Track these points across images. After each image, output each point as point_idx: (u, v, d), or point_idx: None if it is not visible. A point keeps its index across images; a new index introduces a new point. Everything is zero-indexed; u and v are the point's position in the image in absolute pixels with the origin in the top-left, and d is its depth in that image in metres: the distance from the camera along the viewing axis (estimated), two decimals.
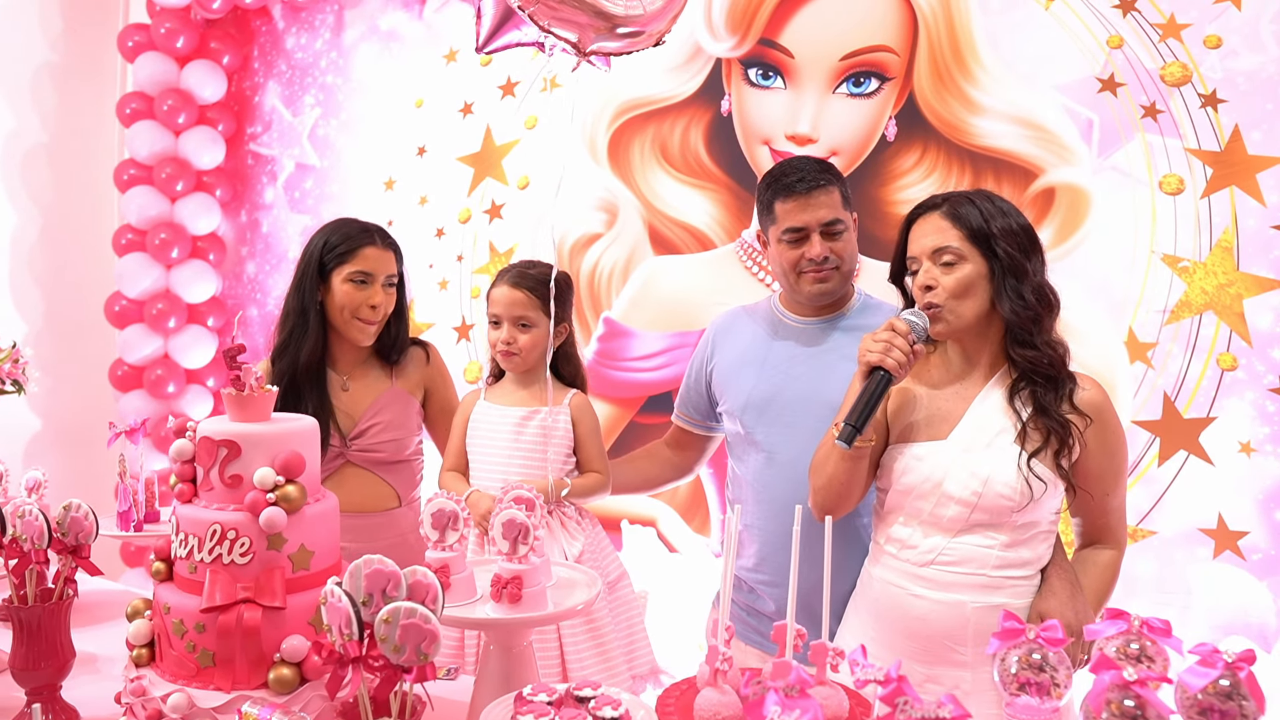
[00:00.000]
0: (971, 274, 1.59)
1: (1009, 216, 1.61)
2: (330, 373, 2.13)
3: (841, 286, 1.95)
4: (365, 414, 2.13)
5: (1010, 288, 1.57)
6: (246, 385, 1.39)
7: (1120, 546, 1.71)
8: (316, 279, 2.09)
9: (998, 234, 1.58)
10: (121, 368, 3.93)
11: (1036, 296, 1.58)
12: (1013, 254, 1.57)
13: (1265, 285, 2.39)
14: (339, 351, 2.15)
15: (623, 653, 2.03)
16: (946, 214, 1.62)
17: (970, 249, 1.59)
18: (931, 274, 1.60)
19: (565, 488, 1.96)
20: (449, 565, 1.34)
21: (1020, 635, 1.04)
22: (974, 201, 1.62)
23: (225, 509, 1.36)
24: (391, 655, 1.02)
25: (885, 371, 1.56)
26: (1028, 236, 1.62)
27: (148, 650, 1.41)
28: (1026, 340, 1.58)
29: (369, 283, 2.08)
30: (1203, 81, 2.46)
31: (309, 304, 2.08)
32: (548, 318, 2.00)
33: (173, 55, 3.89)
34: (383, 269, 2.10)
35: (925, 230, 1.64)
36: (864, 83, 2.87)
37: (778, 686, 0.81)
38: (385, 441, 2.14)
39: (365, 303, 2.08)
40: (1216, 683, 0.95)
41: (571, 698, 1.06)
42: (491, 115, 3.48)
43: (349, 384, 2.14)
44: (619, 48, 1.91)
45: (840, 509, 1.73)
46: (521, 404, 2.02)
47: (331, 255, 2.09)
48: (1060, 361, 1.60)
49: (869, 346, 1.58)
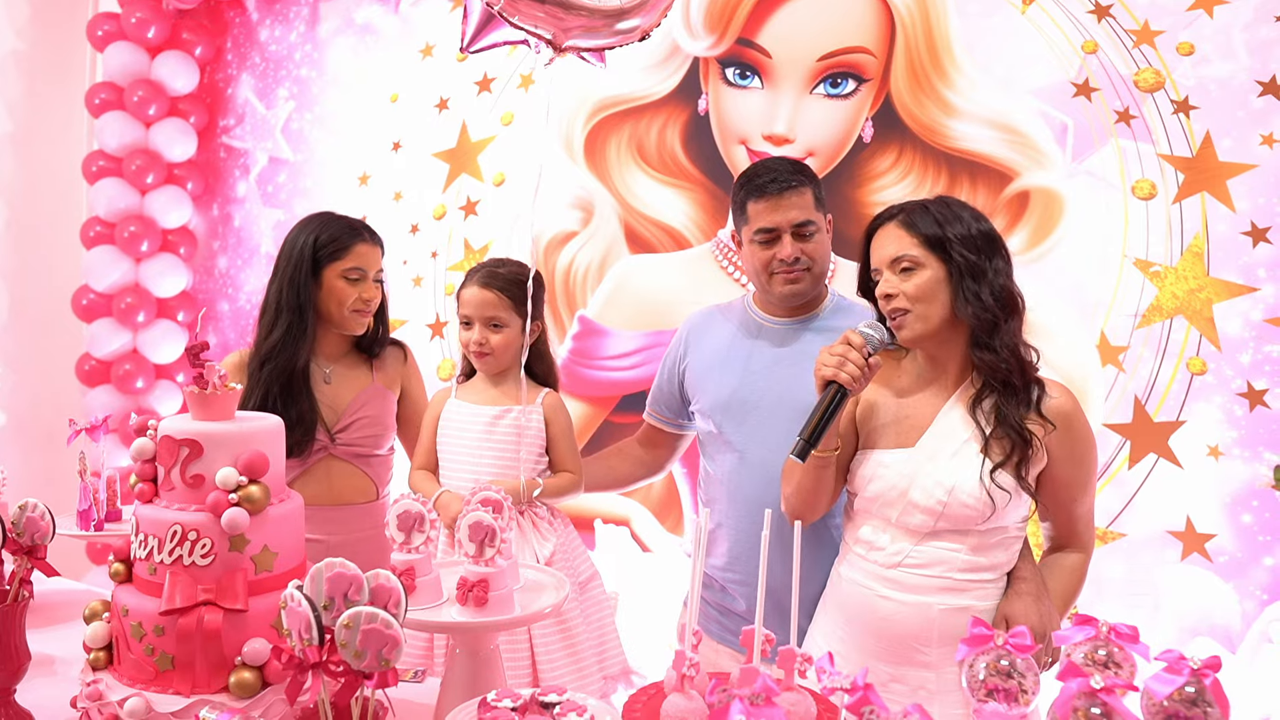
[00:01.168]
0: (930, 279, 1.59)
1: (965, 222, 1.61)
2: (312, 365, 2.14)
3: (813, 288, 1.94)
4: (349, 408, 2.14)
5: (968, 290, 1.57)
6: (210, 383, 1.37)
7: (1087, 551, 1.72)
8: (309, 275, 2.09)
9: (953, 239, 1.58)
10: (89, 362, 3.87)
11: (996, 299, 1.58)
12: (968, 257, 1.58)
13: (1235, 290, 2.41)
14: (322, 344, 2.17)
15: (594, 653, 2.02)
16: (902, 223, 1.63)
17: (927, 255, 1.60)
18: (891, 282, 1.62)
19: (537, 488, 1.94)
20: (415, 567, 1.32)
21: (989, 641, 1.04)
22: (929, 209, 1.63)
23: (186, 509, 1.33)
24: (352, 661, 1.00)
25: (840, 385, 1.56)
26: (986, 240, 1.62)
27: (106, 653, 1.38)
28: (985, 344, 1.58)
29: (362, 279, 2.12)
30: (1175, 88, 2.47)
31: (305, 302, 2.09)
32: (520, 317, 1.99)
33: (144, 45, 3.83)
34: (374, 264, 2.15)
35: (883, 240, 1.65)
36: (841, 84, 2.87)
37: (743, 694, 0.80)
38: (368, 436, 2.17)
39: (359, 297, 2.11)
40: (1182, 690, 0.95)
41: (536, 703, 1.05)
42: (467, 111, 3.45)
43: (330, 376, 2.16)
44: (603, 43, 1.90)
45: (810, 514, 1.73)
46: (493, 402, 2.00)
47: (324, 252, 2.10)
48: (1022, 367, 1.59)
49: (824, 360, 1.59)
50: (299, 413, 2.04)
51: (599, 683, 1.98)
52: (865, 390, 1.66)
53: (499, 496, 1.39)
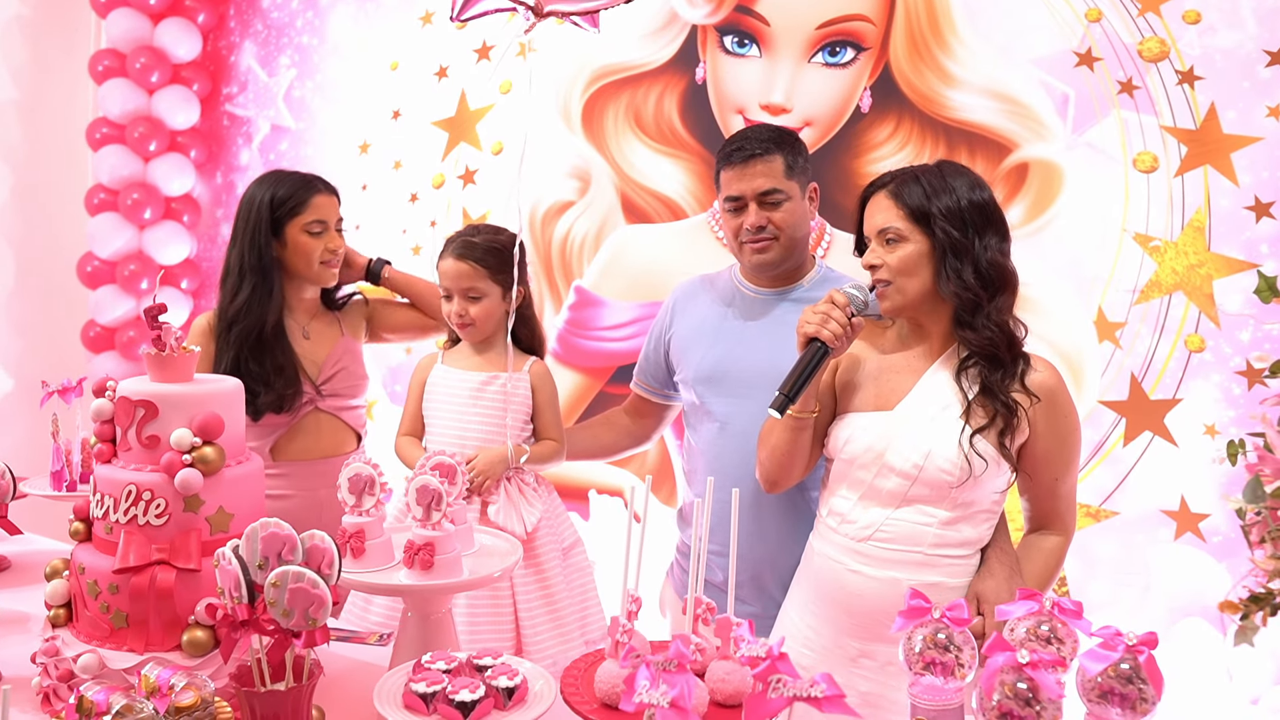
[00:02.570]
0: (913, 253, 1.57)
1: (957, 194, 1.57)
2: (289, 322, 2.16)
3: (784, 257, 1.91)
4: (328, 360, 2.18)
5: (950, 267, 1.55)
6: (167, 345, 1.37)
7: (1067, 533, 1.69)
8: (269, 234, 2.10)
9: (939, 213, 1.55)
10: (94, 329, 3.90)
11: (980, 276, 1.55)
12: (952, 233, 1.55)
13: (1235, 266, 2.35)
14: (294, 301, 2.19)
15: (576, 619, 2.03)
16: (891, 193, 1.61)
17: (911, 228, 1.57)
18: (877, 253, 1.60)
19: (524, 454, 1.94)
20: (365, 530, 1.32)
21: (926, 614, 1.02)
22: (920, 180, 1.60)
23: (142, 469, 1.34)
24: (281, 619, 1.00)
25: (822, 343, 1.53)
26: (979, 214, 1.58)
27: (65, 610, 1.39)
28: (966, 321, 1.56)
29: (325, 230, 2.13)
30: (1180, 58, 2.41)
31: (268, 262, 2.10)
32: (499, 285, 1.98)
33: (146, 12, 3.82)
34: (333, 214, 2.17)
35: (873, 210, 1.64)
36: (840, 52, 2.82)
37: (654, 660, 0.79)
38: (348, 385, 2.22)
39: (325, 248, 2.13)
40: (1117, 666, 0.93)
41: (470, 665, 1.04)
42: (466, 80, 3.42)
43: (309, 331, 2.19)
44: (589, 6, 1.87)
45: (785, 480, 1.72)
46: (479, 369, 2.01)
47: (284, 210, 2.11)
48: (1005, 343, 1.56)
49: (807, 318, 1.57)
50: (276, 368, 2.06)
51: (581, 647, 1.99)
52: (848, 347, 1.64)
53: (453, 462, 1.38)
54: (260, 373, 2.03)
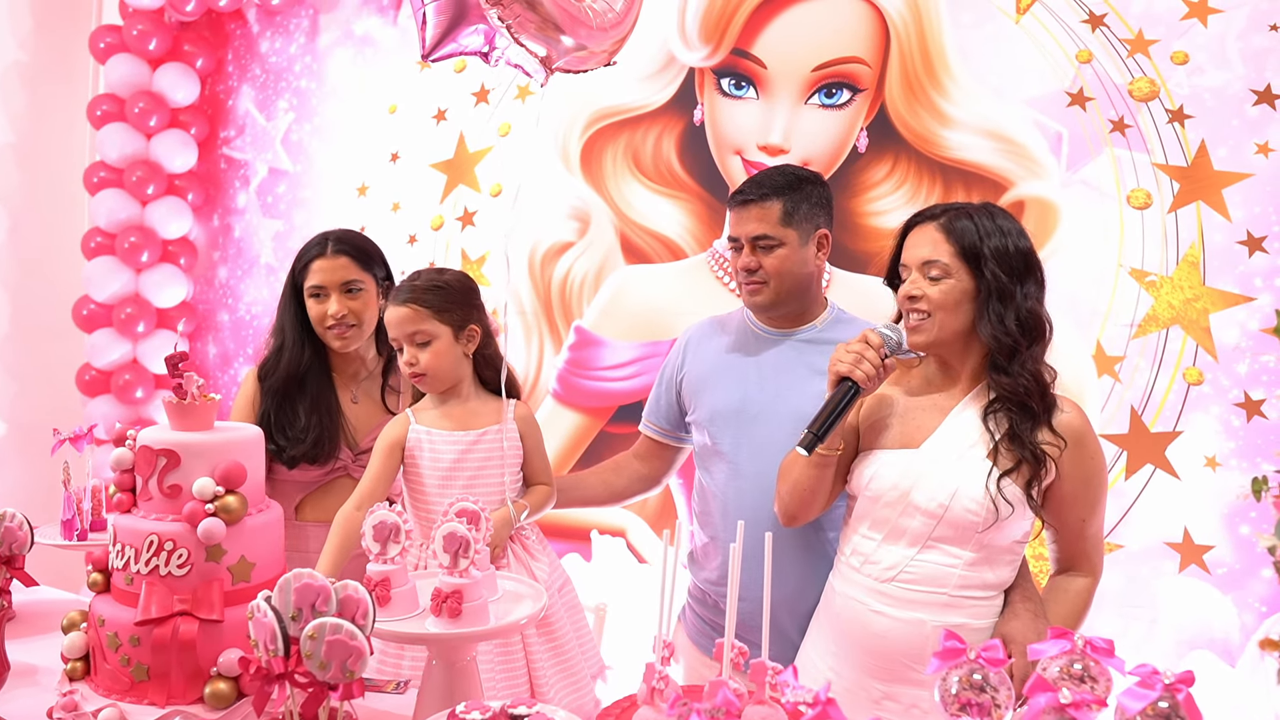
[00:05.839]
0: (956, 291, 1.56)
1: (1008, 237, 1.56)
2: (338, 383, 2.14)
3: (775, 300, 1.92)
4: (370, 433, 2.09)
5: (993, 311, 1.54)
6: (188, 393, 1.37)
7: (1095, 574, 1.67)
8: (291, 295, 2.11)
9: (989, 254, 1.54)
10: (89, 372, 3.87)
11: (1020, 324, 1.54)
12: (1000, 276, 1.54)
13: (1230, 300, 2.39)
14: (339, 363, 2.15)
15: (581, 658, 2.01)
16: (942, 226, 1.59)
17: (959, 265, 1.56)
18: (919, 284, 1.58)
19: (525, 509, 1.86)
20: (390, 578, 1.31)
21: (961, 655, 1.02)
22: (973, 217, 1.58)
23: (163, 519, 1.33)
24: (317, 672, 0.99)
25: (853, 382, 1.54)
26: (1023, 260, 1.57)
27: (83, 663, 1.38)
28: (1002, 366, 1.55)
29: (323, 295, 2.05)
30: (1170, 97, 2.46)
31: (285, 320, 2.11)
32: (446, 326, 1.83)
33: (145, 57, 3.85)
34: (334, 278, 2.05)
35: (919, 240, 1.61)
36: (836, 94, 2.87)
37: (703, 708, 0.79)
38: None
39: (323, 315, 2.05)
40: (1155, 704, 0.94)
41: (505, 714, 1.04)
42: (465, 122, 3.46)
43: (358, 397, 2.16)
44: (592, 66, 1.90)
45: (804, 515, 1.71)
46: (463, 426, 1.85)
47: (300, 275, 2.10)
48: (1039, 392, 1.55)
49: (840, 356, 1.57)
50: (311, 424, 2.04)
51: (589, 683, 1.96)
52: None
53: (476, 508, 1.38)
54: (286, 425, 2.02)
